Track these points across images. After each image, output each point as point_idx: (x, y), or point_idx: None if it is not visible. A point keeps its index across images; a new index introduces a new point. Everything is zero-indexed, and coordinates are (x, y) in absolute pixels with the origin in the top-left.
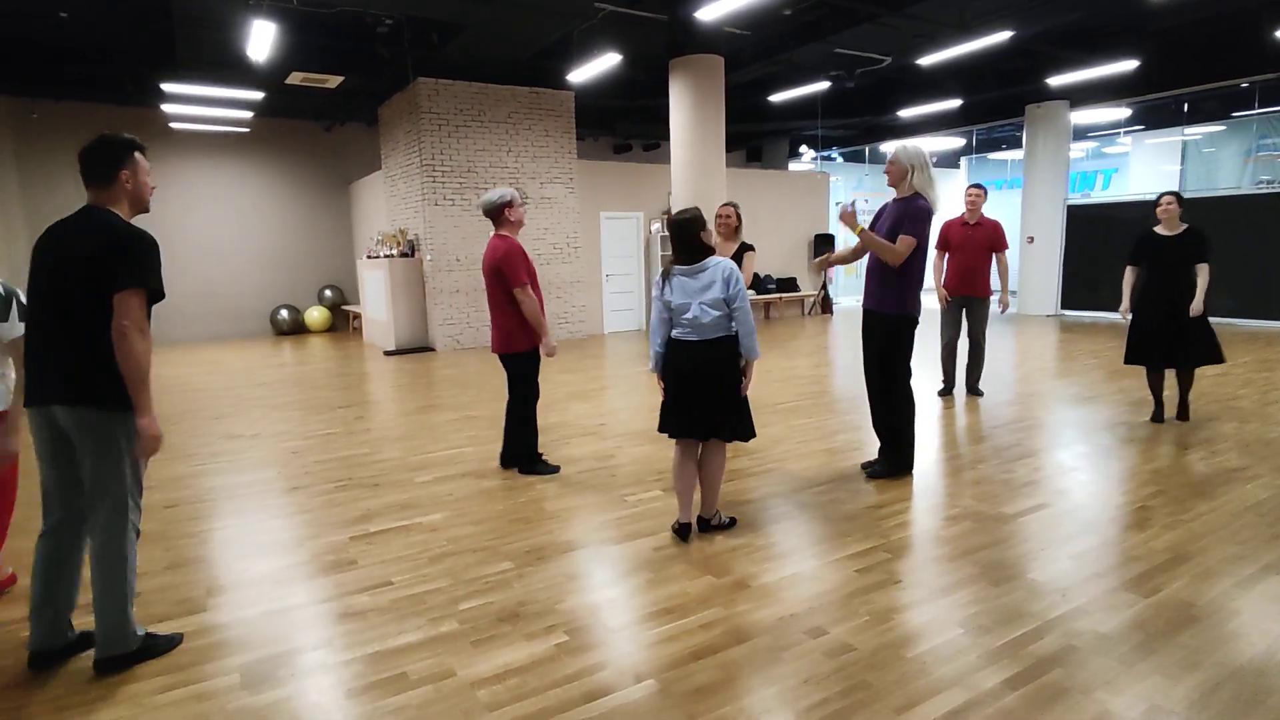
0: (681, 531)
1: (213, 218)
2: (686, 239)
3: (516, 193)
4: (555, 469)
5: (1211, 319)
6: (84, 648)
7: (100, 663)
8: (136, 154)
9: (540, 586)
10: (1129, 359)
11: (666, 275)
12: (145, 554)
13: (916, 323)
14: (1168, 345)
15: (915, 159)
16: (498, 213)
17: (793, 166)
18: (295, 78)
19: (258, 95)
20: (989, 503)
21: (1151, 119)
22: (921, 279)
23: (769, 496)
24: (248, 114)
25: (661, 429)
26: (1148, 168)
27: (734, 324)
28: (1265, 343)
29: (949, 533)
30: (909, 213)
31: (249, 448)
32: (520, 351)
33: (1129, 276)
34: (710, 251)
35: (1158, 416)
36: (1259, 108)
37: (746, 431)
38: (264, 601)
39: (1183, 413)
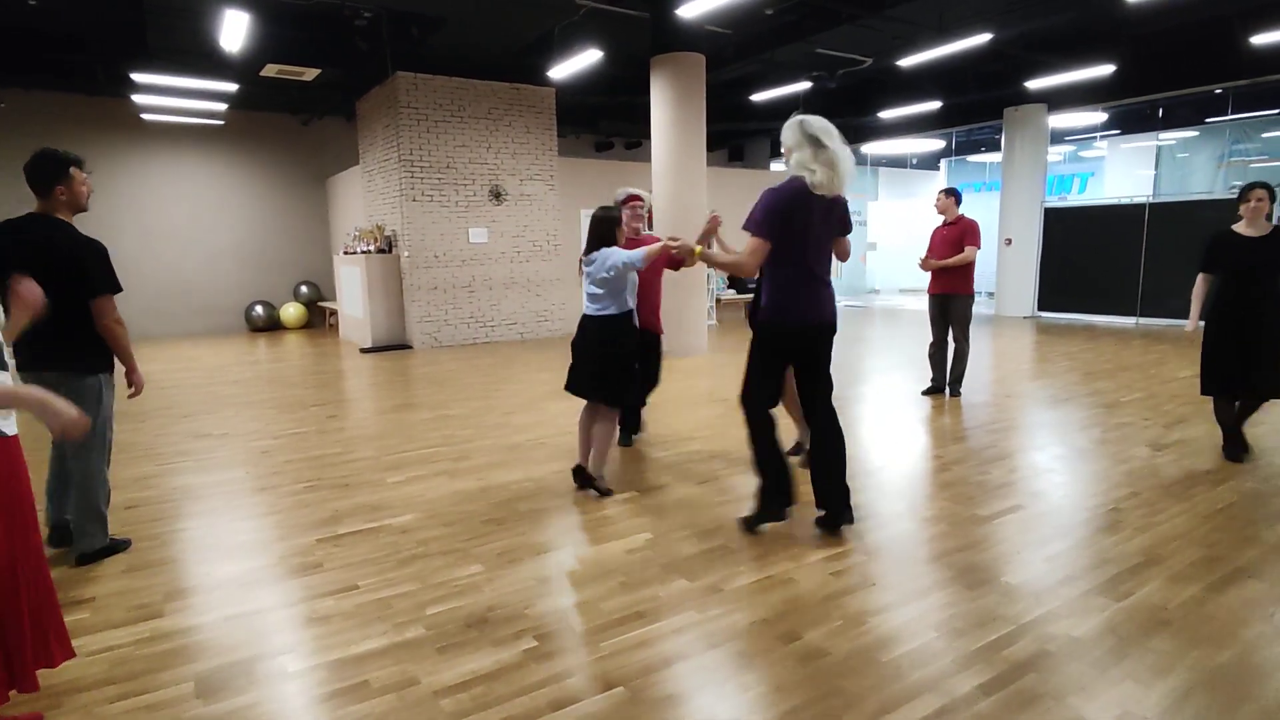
0: (576, 473)
1: (186, 212)
2: (602, 234)
3: (625, 194)
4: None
5: (1180, 320)
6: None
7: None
8: (73, 169)
9: (510, 590)
10: (1206, 388)
11: (583, 262)
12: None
13: (786, 332)
14: (1243, 369)
15: (791, 138)
16: None
17: (774, 166)
18: (271, 70)
19: (232, 87)
20: (964, 505)
21: (1127, 124)
22: (799, 277)
23: (742, 499)
24: (222, 106)
25: (566, 387)
26: (1123, 172)
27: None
28: None
29: (924, 535)
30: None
31: (218, 447)
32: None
33: (1200, 286)
34: (610, 244)
35: (1234, 454)
36: (1232, 114)
37: (617, 400)
38: (224, 606)
39: (1239, 446)
